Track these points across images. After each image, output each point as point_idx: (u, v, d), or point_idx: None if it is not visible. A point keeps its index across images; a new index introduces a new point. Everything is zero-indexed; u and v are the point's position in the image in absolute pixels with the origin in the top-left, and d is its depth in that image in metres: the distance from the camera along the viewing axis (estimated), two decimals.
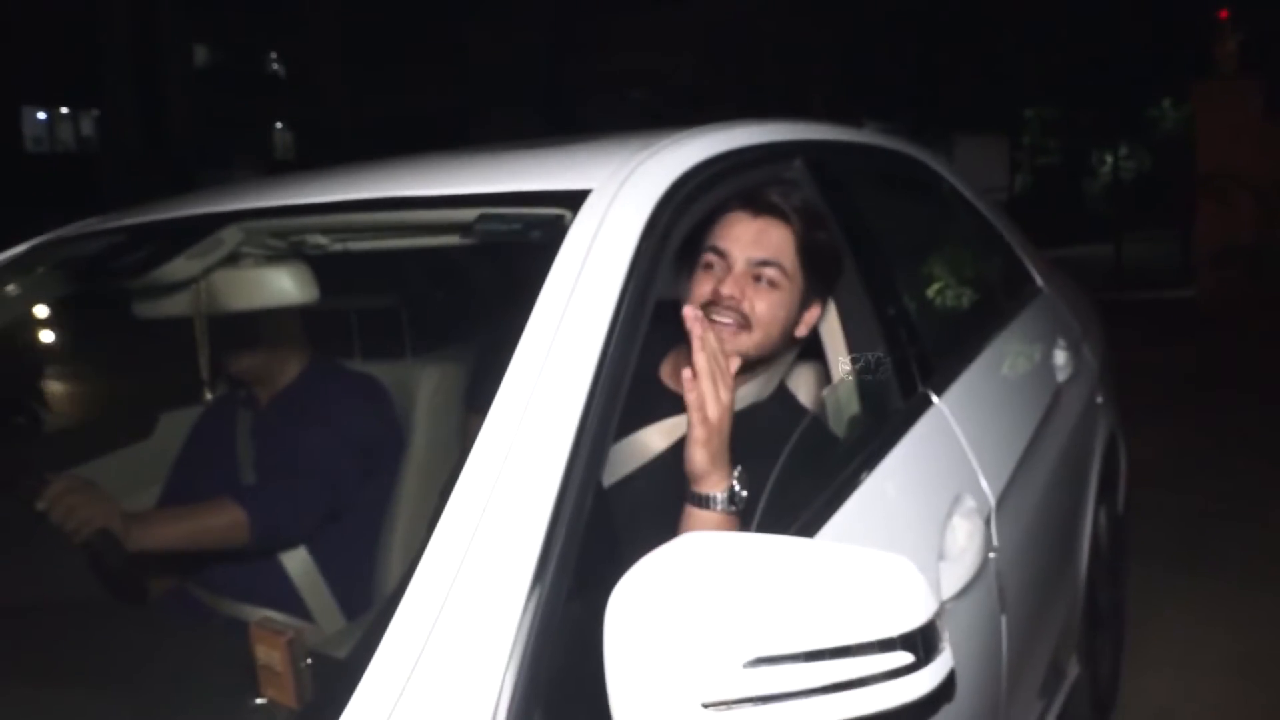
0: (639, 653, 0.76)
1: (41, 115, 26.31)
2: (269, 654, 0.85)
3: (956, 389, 1.73)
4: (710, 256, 1.52)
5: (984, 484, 1.60)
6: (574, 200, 1.21)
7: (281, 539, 1.90)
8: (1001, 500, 1.63)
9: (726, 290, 1.49)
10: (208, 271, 1.48)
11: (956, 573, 1.38)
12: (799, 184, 1.64)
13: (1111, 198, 15.65)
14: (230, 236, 1.45)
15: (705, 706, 0.74)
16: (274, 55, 30.43)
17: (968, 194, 2.52)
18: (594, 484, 0.92)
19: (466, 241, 1.28)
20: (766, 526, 1.18)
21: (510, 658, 0.78)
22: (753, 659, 0.75)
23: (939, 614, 0.81)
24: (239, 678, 0.88)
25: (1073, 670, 2.29)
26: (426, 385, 2.20)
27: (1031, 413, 2.00)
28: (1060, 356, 2.32)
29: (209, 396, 1.79)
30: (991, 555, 1.55)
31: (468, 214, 1.28)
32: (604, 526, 0.96)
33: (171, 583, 1.99)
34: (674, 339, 1.63)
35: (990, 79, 16.48)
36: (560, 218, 1.20)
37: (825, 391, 1.59)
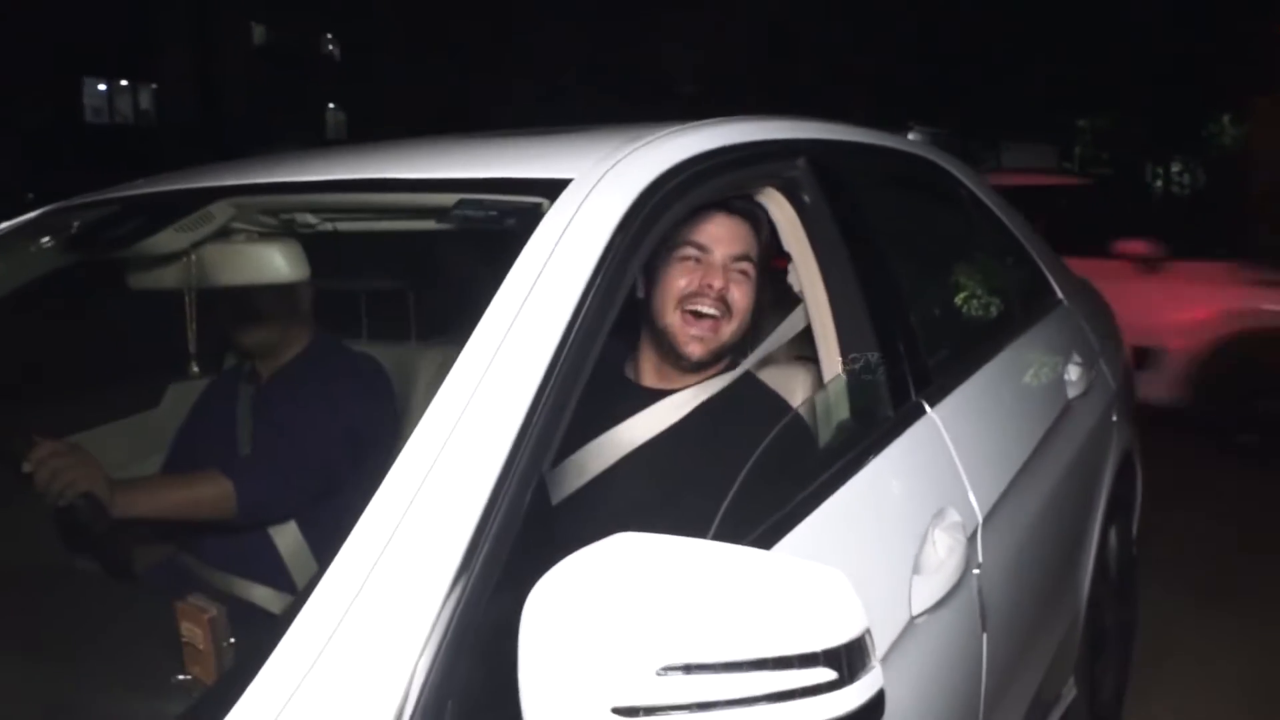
0: (552, 651, 0.74)
1: (102, 87, 26.77)
2: (192, 632, 0.84)
3: (954, 399, 1.70)
4: (690, 250, 1.62)
5: (972, 498, 1.56)
6: (554, 189, 1.20)
7: (268, 514, 1.91)
8: (990, 516, 1.59)
9: (717, 283, 1.61)
10: (197, 245, 1.48)
11: (931, 587, 1.35)
12: (800, 182, 1.62)
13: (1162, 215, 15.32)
14: (220, 211, 1.45)
15: (615, 711, 0.73)
16: (329, 36, 30.71)
17: (989, 201, 2.47)
18: (536, 478, 0.91)
19: (444, 226, 1.26)
20: (727, 527, 1.15)
21: (424, 648, 0.77)
22: (665, 666, 0.73)
23: (869, 631, 0.79)
24: (170, 654, 0.88)
25: (1069, 693, 2.24)
26: (428, 368, 2.20)
27: (1034, 427, 1.95)
28: (1073, 372, 2.27)
29: (196, 369, 1.80)
30: (975, 571, 1.52)
31: (448, 199, 1.27)
32: (546, 521, 0.94)
33: (164, 553, 2.01)
34: (635, 336, 1.68)
35: (1043, 87, 16.21)
36: (538, 206, 1.18)
37: (813, 395, 1.57)
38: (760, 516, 1.21)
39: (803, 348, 1.71)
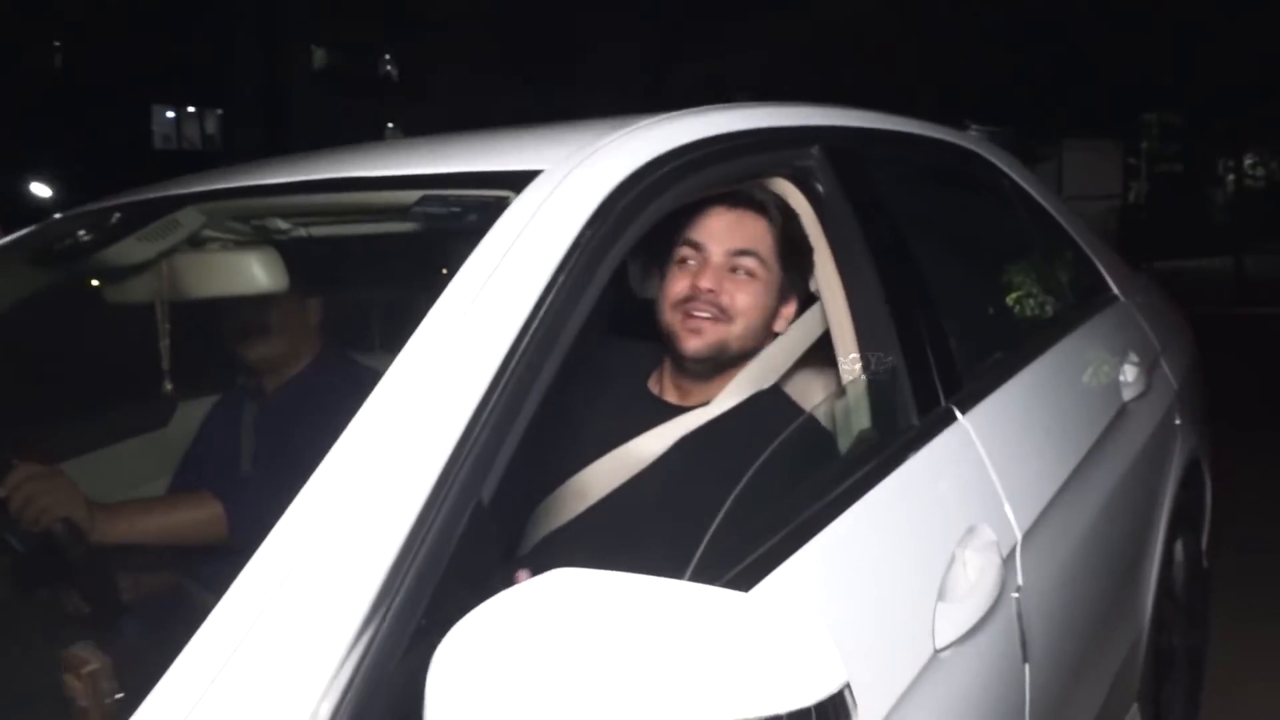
0: (461, 713, 0.63)
1: (170, 114, 27.48)
2: (73, 685, 0.75)
3: (990, 404, 1.55)
4: (685, 250, 1.48)
5: (1009, 513, 1.41)
6: (522, 181, 1.09)
7: (261, 536, 1.82)
8: (1031, 532, 1.44)
9: (705, 284, 1.45)
10: (166, 255, 1.40)
11: (958, 616, 1.20)
12: (814, 172, 1.49)
13: (1234, 208, 14.78)
14: (187, 219, 1.37)
15: None
16: (388, 57, 31.15)
17: (1035, 193, 2.31)
18: (473, 503, 0.79)
19: (407, 227, 1.16)
20: (722, 550, 1.03)
21: (320, 705, 0.66)
22: None
23: (849, 687, 0.66)
24: (63, 710, 0.79)
25: None
26: None
27: (1084, 433, 1.79)
28: (1130, 372, 2.09)
29: (169, 386, 1.72)
30: (1014, 595, 1.37)
31: (415, 196, 1.17)
32: (489, 550, 0.83)
33: (165, 580, 1.94)
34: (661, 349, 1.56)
35: (1107, 81, 15.71)
36: (503, 200, 1.08)
37: (827, 403, 1.43)
38: (761, 538, 1.08)
39: (822, 352, 1.58)
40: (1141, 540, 2.04)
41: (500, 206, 1.05)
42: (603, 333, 1.65)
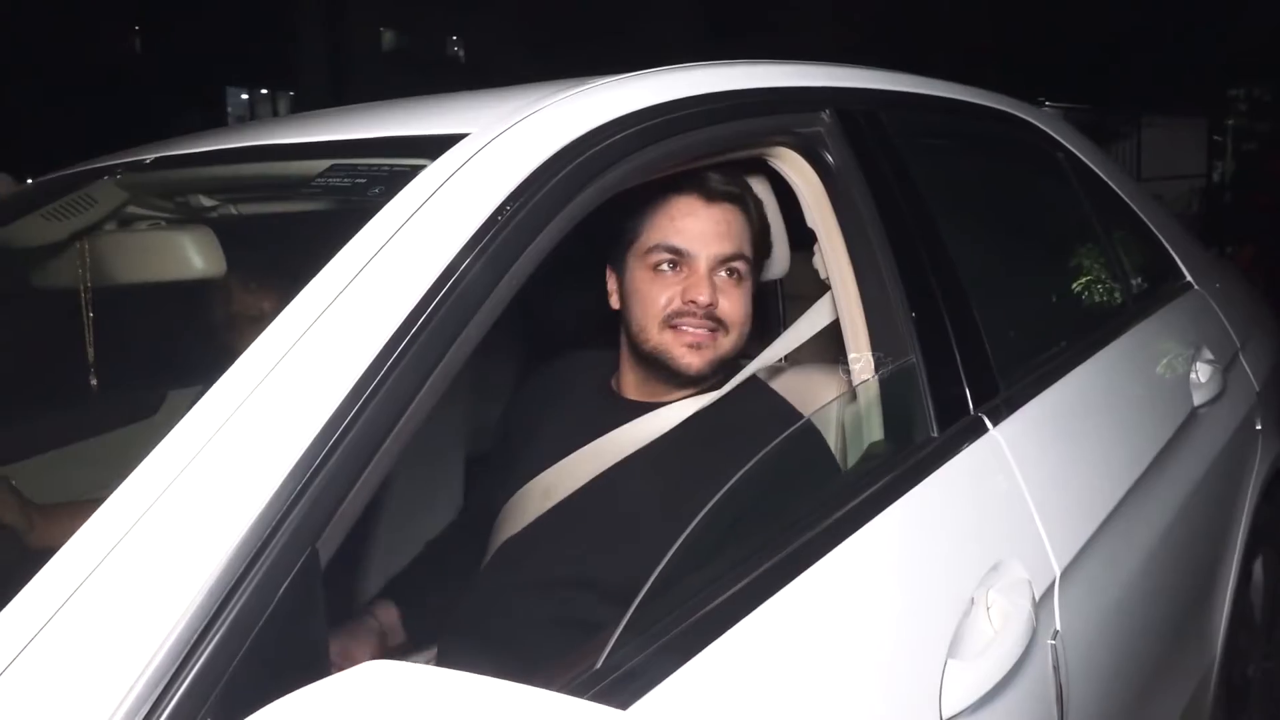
0: None
1: (244, 96, 27.94)
2: None
3: (1028, 413, 1.33)
4: (663, 255, 1.30)
5: (1048, 544, 1.19)
6: (442, 148, 0.91)
7: None
8: (1074, 565, 1.22)
9: (703, 298, 1.28)
10: (82, 234, 1.25)
11: (976, 675, 1.00)
12: (824, 140, 1.28)
13: None
14: (105, 195, 1.22)
15: None
16: (455, 39, 31.28)
17: (1095, 165, 2.05)
18: (303, 558, 0.62)
19: (311, 202, 0.99)
20: (675, 593, 0.84)
21: None
22: None
23: None
24: None
25: None
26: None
27: (1144, 445, 1.55)
28: (1203, 371, 1.84)
29: (95, 382, 1.58)
30: (1051, 642, 1.16)
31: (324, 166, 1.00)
32: (320, 627, 0.64)
33: None
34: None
35: (1189, 54, 14.94)
36: (417, 169, 0.90)
37: (828, 410, 1.23)
38: (732, 575, 0.89)
39: (829, 347, 1.38)
40: (1214, 563, 1.79)
41: (412, 177, 0.87)
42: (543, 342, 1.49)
